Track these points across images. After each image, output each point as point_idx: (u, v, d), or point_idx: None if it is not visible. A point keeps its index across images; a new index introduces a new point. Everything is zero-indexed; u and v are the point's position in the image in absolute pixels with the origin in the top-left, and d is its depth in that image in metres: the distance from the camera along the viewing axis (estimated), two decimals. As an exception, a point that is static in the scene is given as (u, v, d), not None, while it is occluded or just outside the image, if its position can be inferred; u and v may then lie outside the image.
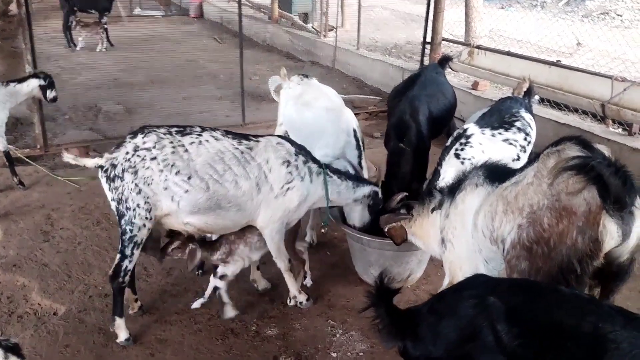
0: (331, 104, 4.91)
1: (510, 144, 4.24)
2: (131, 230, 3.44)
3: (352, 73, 11.10)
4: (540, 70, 6.89)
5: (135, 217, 3.41)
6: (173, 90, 9.65)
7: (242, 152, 3.56)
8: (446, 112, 5.23)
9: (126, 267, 3.48)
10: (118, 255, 3.50)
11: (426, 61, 8.45)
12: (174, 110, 8.26)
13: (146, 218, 3.43)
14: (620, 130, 6.65)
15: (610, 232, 2.35)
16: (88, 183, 5.98)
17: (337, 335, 3.79)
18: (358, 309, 4.00)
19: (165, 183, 3.39)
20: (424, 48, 8.60)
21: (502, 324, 1.86)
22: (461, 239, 3.14)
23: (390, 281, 2.28)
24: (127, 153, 3.40)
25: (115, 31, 12.71)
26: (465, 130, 4.25)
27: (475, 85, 7.85)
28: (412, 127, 4.71)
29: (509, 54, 7.54)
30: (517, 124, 4.35)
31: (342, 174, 4.03)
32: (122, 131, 7.55)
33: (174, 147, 3.42)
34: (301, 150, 3.84)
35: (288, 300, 4.07)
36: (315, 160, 3.91)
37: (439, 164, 4.22)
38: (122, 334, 3.59)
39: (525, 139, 4.29)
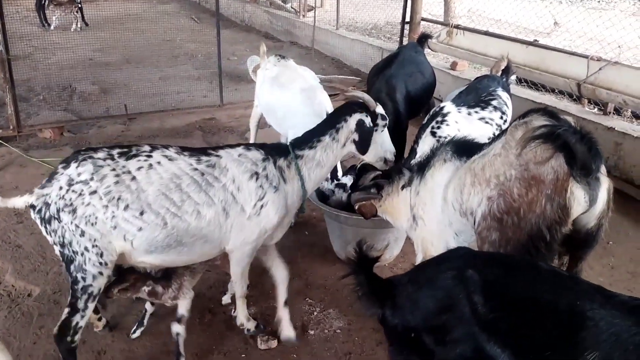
0: (306, 85, 4.84)
1: (487, 122, 4.25)
2: (84, 279, 2.81)
3: (331, 53, 11.04)
4: (518, 50, 6.90)
5: (86, 264, 2.80)
6: (149, 70, 9.52)
7: (202, 174, 2.95)
8: (424, 91, 5.24)
9: (77, 323, 2.87)
10: (66, 309, 2.87)
11: (405, 41, 8.43)
12: (151, 90, 8.15)
13: (100, 264, 2.81)
14: (596, 110, 6.73)
15: (577, 198, 2.39)
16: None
17: (315, 313, 3.80)
18: (336, 287, 4.07)
19: (113, 221, 2.79)
20: (402, 28, 8.57)
21: (478, 297, 1.88)
22: (431, 215, 3.16)
23: (368, 250, 2.27)
24: (61, 188, 2.79)
25: (90, 10, 12.46)
26: (441, 109, 4.26)
27: (453, 66, 7.86)
28: (388, 105, 4.71)
29: (487, 33, 7.55)
30: (494, 102, 4.37)
31: (309, 140, 3.29)
32: (97, 112, 7.47)
33: (117, 175, 2.81)
34: (266, 150, 3.19)
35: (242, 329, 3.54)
36: (282, 151, 3.23)
37: (416, 142, 4.23)
38: None
39: (501, 118, 4.32)
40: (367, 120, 3.31)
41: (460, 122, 4.16)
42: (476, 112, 4.27)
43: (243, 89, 8.89)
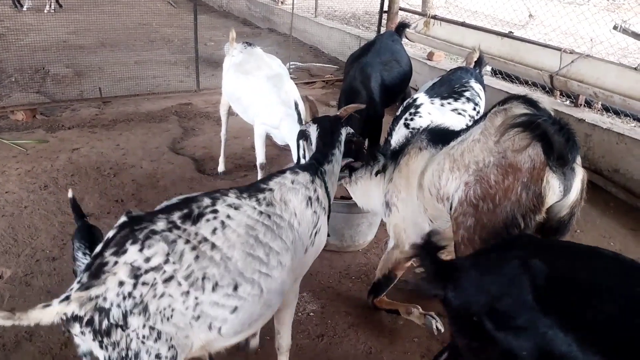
0: (272, 73, 4.75)
1: (459, 113, 4.31)
2: None
3: (309, 41, 11.02)
4: (493, 42, 7.00)
5: None
6: (125, 54, 9.40)
7: (269, 217, 2.42)
8: (400, 80, 5.28)
9: None
10: None
11: (383, 31, 8.45)
12: (126, 74, 8.05)
13: None
14: (568, 102, 6.86)
15: (552, 187, 2.45)
16: (35, 146, 5.82)
17: (288, 297, 3.83)
18: (310, 271, 4.09)
19: (197, 309, 2.10)
20: (380, 17, 8.60)
21: (542, 284, 1.87)
22: (406, 202, 3.21)
23: (438, 240, 2.27)
24: (122, 284, 1.97)
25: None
26: (414, 100, 4.30)
27: (430, 56, 7.93)
28: (362, 93, 4.74)
29: (463, 24, 7.62)
30: (467, 94, 4.42)
31: (327, 154, 2.94)
32: (71, 94, 7.35)
33: (194, 248, 2.12)
34: (306, 169, 2.77)
35: None
36: (312, 169, 2.79)
37: (389, 133, 4.27)
38: None
39: (474, 109, 4.38)
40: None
41: (433, 114, 4.21)
42: (449, 103, 4.32)
43: (220, 75, 8.79)
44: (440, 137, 3.09)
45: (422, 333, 3.50)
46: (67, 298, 1.96)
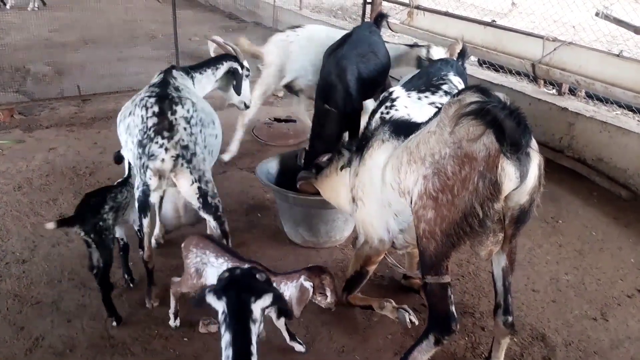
0: None
1: (437, 107, 4.21)
2: None
3: (295, 34, 10.90)
4: (476, 31, 6.92)
5: None
6: (107, 51, 9.30)
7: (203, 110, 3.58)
8: (378, 73, 5.17)
9: None
10: None
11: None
12: (107, 71, 7.96)
13: None
14: (553, 91, 6.78)
15: (508, 174, 2.39)
16: (11, 147, 5.74)
17: (262, 295, 3.76)
18: (285, 268, 4.02)
19: (205, 140, 3.46)
20: (364, 8, 8.49)
21: None
22: (371, 196, 3.14)
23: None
24: (185, 128, 3.26)
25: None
26: (390, 94, 4.20)
27: (414, 47, 7.82)
28: (338, 87, 4.64)
29: (446, 14, 7.53)
30: (444, 87, 4.30)
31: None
32: (50, 93, 7.26)
33: (193, 104, 3.46)
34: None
35: None
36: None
37: (367, 128, 4.18)
38: None
39: None
40: (239, 67, 4.54)
41: (410, 107, 4.10)
42: (426, 96, 4.19)
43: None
44: (404, 128, 3.02)
45: (396, 330, 3.45)
46: (166, 149, 3.14)
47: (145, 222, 3.35)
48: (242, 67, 4.65)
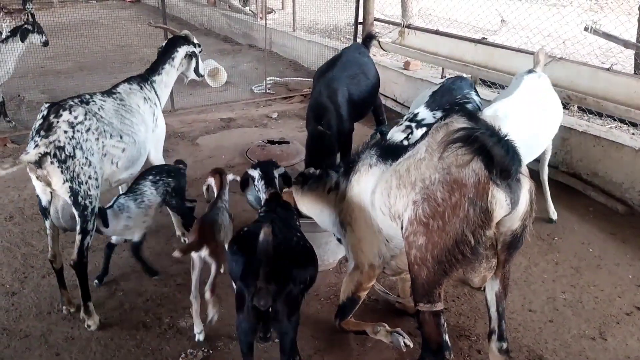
0: None
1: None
2: None
3: (288, 55, 10.98)
4: (467, 49, 6.93)
5: None
6: (102, 76, 9.30)
7: (123, 106, 3.97)
8: (368, 93, 5.19)
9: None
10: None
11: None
12: (101, 98, 7.95)
13: None
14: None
15: (499, 201, 2.36)
16: (3, 177, 5.71)
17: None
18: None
19: (104, 149, 3.62)
20: (356, 29, 8.55)
21: None
22: (360, 222, 3.10)
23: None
24: (66, 132, 3.33)
25: (45, 17, 12.09)
26: (415, 115, 4.13)
27: (406, 65, 7.86)
28: (330, 109, 4.65)
29: (437, 32, 7.55)
30: (469, 106, 4.26)
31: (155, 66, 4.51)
32: (44, 121, 7.23)
33: (94, 114, 3.57)
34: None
35: None
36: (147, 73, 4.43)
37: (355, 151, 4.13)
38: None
39: None
40: (192, 48, 4.68)
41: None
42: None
43: (198, 93, 8.79)
44: (391, 152, 2.99)
45: (390, 356, 3.39)
46: (36, 145, 3.24)
47: (47, 223, 3.64)
48: (196, 45, 4.74)
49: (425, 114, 4.11)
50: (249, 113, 8.18)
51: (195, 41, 4.77)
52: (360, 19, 8.39)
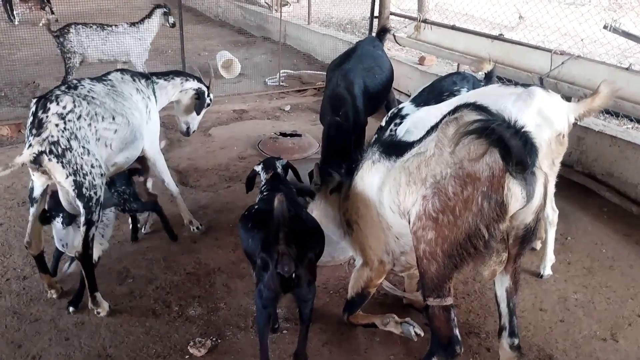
0: None
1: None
2: None
3: (302, 48, 10.95)
4: (484, 44, 6.85)
5: None
6: (117, 66, 9.33)
7: (115, 91, 3.91)
8: (382, 86, 5.15)
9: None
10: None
11: (375, 36, 8.36)
12: (115, 86, 7.97)
13: None
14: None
15: (514, 194, 2.33)
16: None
17: (263, 314, 3.70)
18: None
19: (97, 134, 3.52)
20: (371, 22, 8.50)
21: None
22: (366, 218, 3.08)
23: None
24: (57, 125, 3.25)
25: (61, 5, 12.16)
26: (400, 110, 4.12)
27: (421, 60, 7.80)
28: (347, 99, 4.61)
29: (453, 28, 7.48)
30: None
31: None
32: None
33: (84, 98, 3.51)
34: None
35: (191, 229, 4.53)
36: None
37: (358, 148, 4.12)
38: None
39: None
40: (206, 92, 4.79)
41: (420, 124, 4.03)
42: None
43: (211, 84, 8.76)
44: (394, 148, 2.94)
45: (399, 350, 3.36)
46: (30, 145, 3.22)
47: (31, 210, 3.65)
48: (209, 94, 4.87)
49: (409, 109, 4.09)
50: (262, 105, 8.17)
51: (212, 95, 4.95)
52: (376, 13, 8.34)
